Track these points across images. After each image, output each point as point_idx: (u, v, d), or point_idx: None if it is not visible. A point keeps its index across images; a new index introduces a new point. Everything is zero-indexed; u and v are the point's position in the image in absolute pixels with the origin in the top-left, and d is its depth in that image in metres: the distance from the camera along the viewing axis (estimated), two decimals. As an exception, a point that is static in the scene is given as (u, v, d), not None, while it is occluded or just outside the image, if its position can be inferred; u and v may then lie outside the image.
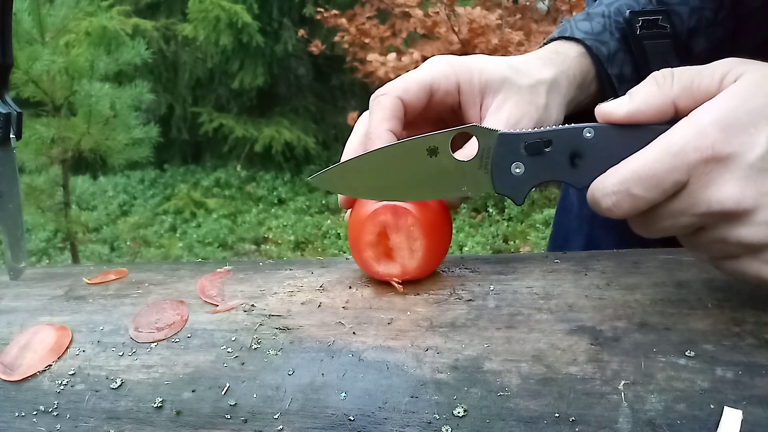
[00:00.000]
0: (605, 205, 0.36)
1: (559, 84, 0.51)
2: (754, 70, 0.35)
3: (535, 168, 0.40)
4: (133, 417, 0.41)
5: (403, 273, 0.45)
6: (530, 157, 0.39)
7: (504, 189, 0.41)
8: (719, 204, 0.33)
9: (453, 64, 0.49)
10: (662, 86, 0.37)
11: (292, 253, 3.28)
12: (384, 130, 0.47)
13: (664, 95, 0.36)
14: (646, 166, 0.34)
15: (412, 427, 0.37)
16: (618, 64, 0.55)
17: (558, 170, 0.39)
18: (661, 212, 0.36)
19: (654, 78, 0.37)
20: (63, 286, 0.53)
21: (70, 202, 2.36)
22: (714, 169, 0.33)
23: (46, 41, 2.09)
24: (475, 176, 0.41)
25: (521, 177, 0.40)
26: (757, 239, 0.34)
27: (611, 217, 0.37)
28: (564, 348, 0.38)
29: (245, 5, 3.92)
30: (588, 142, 0.38)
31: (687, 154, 0.34)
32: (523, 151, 0.39)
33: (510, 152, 0.40)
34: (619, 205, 0.36)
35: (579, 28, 0.56)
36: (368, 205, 0.45)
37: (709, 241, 0.36)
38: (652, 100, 0.36)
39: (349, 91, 4.56)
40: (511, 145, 0.40)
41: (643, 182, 0.34)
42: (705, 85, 0.36)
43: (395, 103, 0.47)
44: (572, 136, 0.38)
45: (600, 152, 0.38)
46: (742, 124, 0.33)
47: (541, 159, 0.39)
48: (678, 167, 0.34)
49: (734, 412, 0.34)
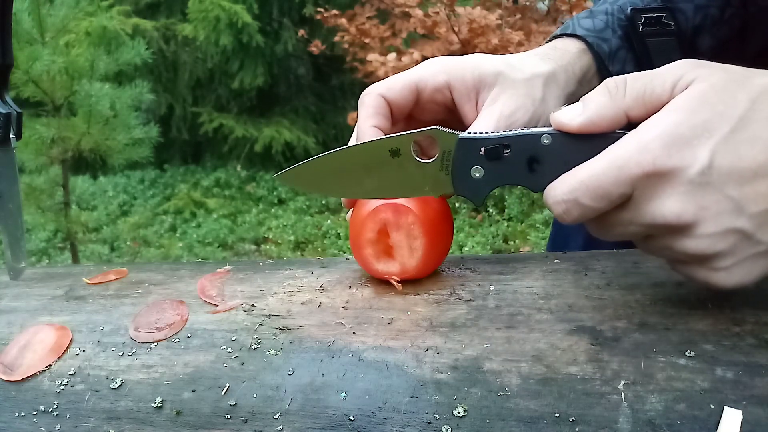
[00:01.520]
0: (557, 211, 0.37)
1: (556, 78, 0.51)
2: (704, 78, 0.35)
3: (494, 172, 0.40)
4: (133, 417, 0.41)
5: (402, 271, 0.45)
6: (489, 161, 0.40)
7: (464, 191, 0.42)
8: (662, 217, 0.34)
9: (444, 63, 0.50)
10: (614, 97, 0.37)
11: (292, 253, 3.28)
12: (369, 126, 0.48)
13: (616, 106, 0.37)
14: (592, 177, 0.35)
15: (412, 427, 0.37)
16: (620, 62, 0.55)
17: (516, 174, 0.40)
18: (611, 220, 0.37)
19: (606, 87, 0.37)
20: (63, 286, 0.53)
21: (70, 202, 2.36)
22: (656, 183, 0.34)
23: (46, 41, 2.09)
24: (436, 177, 0.42)
25: (480, 180, 0.41)
26: (699, 250, 0.34)
27: (564, 223, 0.38)
28: (564, 348, 0.38)
29: (245, 5, 3.91)
30: (545, 147, 0.39)
31: (630, 168, 0.34)
32: (482, 155, 0.40)
33: (469, 156, 0.41)
34: (569, 212, 0.37)
35: (581, 25, 0.56)
36: (369, 203, 0.45)
37: (658, 248, 0.37)
38: (604, 110, 0.37)
39: (349, 91, 4.56)
40: (471, 149, 0.40)
41: (590, 193, 0.35)
42: (657, 93, 0.36)
43: (378, 101, 0.48)
44: (530, 141, 0.39)
45: (557, 158, 0.38)
46: (685, 139, 0.34)
47: (499, 163, 0.40)
48: (622, 180, 0.34)
49: (734, 412, 0.34)
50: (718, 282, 0.36)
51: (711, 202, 0.33)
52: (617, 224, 0.36)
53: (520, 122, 0.47)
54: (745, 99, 0.34)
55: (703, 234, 0.34)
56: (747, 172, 0.33)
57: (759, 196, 0.33)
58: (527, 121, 0.47)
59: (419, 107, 0.50)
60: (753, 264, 0.35)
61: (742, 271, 0.35)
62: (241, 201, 4.03)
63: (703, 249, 0.34)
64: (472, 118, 0.49)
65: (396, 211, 0.45)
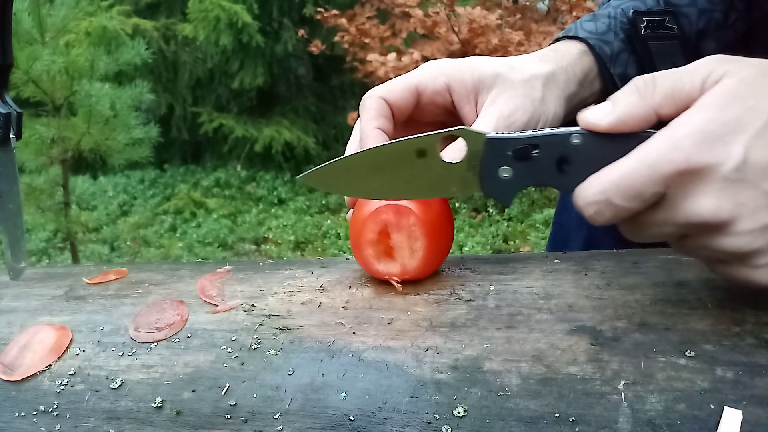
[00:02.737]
0: (588, 213, 0.37)
1: (556, 78, 0.51)
2: (734, 73, 0.35)
3: (523, 172, 0.40)
4: (133, 417, 0.41)
5: (402, 272, 0.45)
6: (518, 162, 0.40)
7: (492, 192, 0.41)
8: (697, 216, 0.34)
9: (442, 65, 0.50)
10: (644, 95, 0.36)
11: (292, 253, 3.28)
12: (372, 128, 0.48)
13: (645, 104, 0.36)
14: (624, 177, 0.35)
15: (412, 427, 0.37)
16: (622, 64, 0.55)
17: (545, 175, 0.39)
18: (645, 221, 0.36)
19: (635, 86, 0.37)
20: (63, 286, 0.53)
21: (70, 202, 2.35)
22: (690, 181, 0.34)
23: (46, 41, 2.09)
24: (464, 178, 0.41)
25: (509, 180, 0.40)
26: (738, 247, 0.34)
27: (595, 224, 0.37)
28: (564, 348, 0.38)
29: (245, 5, 3.91)
30: (575, 147, 0.38)
31: (662, 166, 0.34)
32: (511, 155, 0.40)
33: (498, 156, 0.40)
34: (601, 213, 0.36)
35: (583, 27, 0.56)
36: (370, 204, 0.45)
37: (695, 247, 0.36)
38: (633, 110, 0.36)
39: (349, 91, 4.56)
40: (499, 149, 0.40)
41: (622, 192, 0.35)
42: (687, 90, 0.35)
43: (379, 103, 0.49)
44: (560, 141, 0.38)
45: (587, 158, 0.38)
46: (717, 135, 0.33)
47: (528, 163, 0.39)
48: (655, 179, 0.34)
49: (734, 412, 0.34)
50: (759, 280, 0.35)
51: (748, 199, 0.33)
52: (651, 225, 0.36)
53: (519, 123, 0.47)
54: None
55: (741, 231, 0.33)
56: None
57: None
58: (527, 121, 0.47)
59: (419, 109, 0.50)
60: None
61: None
62: (241, 201, 4.03)
63: (742, 246, 0.34)
64: (471, 119, 0.49)
65: (397, 212, 0.45)
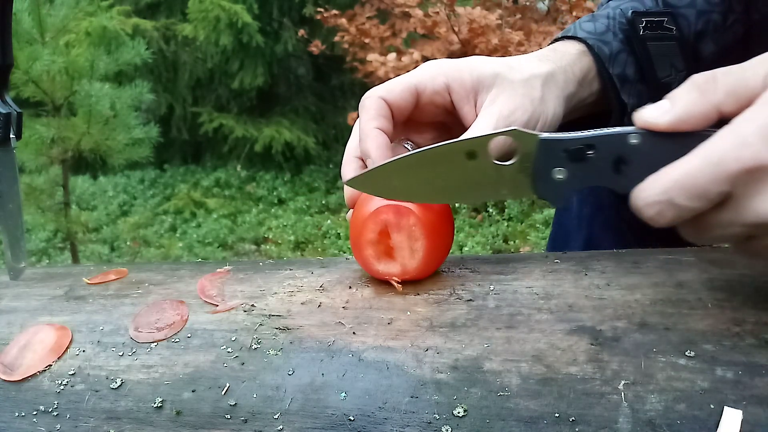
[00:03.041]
0: (648, 214, 0.35)
1: (555, 78, 0.51)
2: None
3: (578, 173, 0.39)
4: (133, 417, 0.41)
5: (402, 273, 0.45)
6: (572, 163, 0.38)
7: (545, 193, 0.40)
8: (767, 216, 0.32)
9: (442, 65, 0.50)
10: (705, 92, 0.35)
11: (292, 253, 3.28)
12: (372, 128, 0.48)
13: (707, 101, 0.35)
14: (688, 176, 0.33)
15: (412, 427, 0.37)
16: (620, 65, 0.55)
17: (601, 176, 0.38)
18: (710, 221, 0.35)
19: (695, 83, 0.36)
20: (63, 286, 0.53)
21: (70, 202, 2.35)
22: (759, 179, 0.32)
23: (46, 41, 2.09)
24: (515, 180, 0.40)
25: (563, 182, 0.39)
26: None
27: (655, 225, 0.36)
28: (564, 348, 0.38)
29: (245, 5, 3.91)
30: (633, 147, 0.37)
31: (728, 164, 0.32)
32: (565, 156, 0.39)
33: (551, 157, 0.39)
34: (662, 214, 0.35)
35: (582, 28, 0.56)
36: (370, 204, 0.45)
37: (761, 249, 0.35)
38: (694, 107, 0.35)
39: (349, 91, 4.56)
40: (553, 150, 0.39)
41: (686, 192, 0.33)
42: (750, 86, 0.34)
43: (379, 104, 0.49)
44: (617, 141, 0.37)
45: (645, 158, 0.36)
46: None
47: (583, 164, 0.38)
48: (720, 177, 0.33)
49: (734, 412, 0.34)
50: None
51: None
52: (716, 226, 0.35)
53: (519, 122, 0.47)
54: None
55: None
56: None
57: None
58: (526, 120, 0.48)
59: (419, 109, 0.50)
60: None
61: None
62: (241, 201, 4.03)
63: None
64: (471, 119, 0.49)
65: (397, 212, 0.45)
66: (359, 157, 0.49)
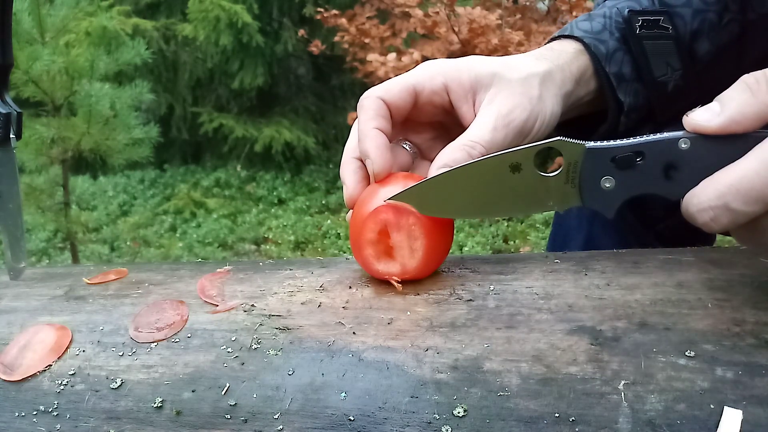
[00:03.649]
0: (702, 220, 0.35)
1: (552, 76, 0.51)
2: None
3: (627, 181, 0.38)
4: (133, 417, 0.41)
5: (402, 272, 0.45)
6: (620, 171, 0.38)
7: (593, 203, 0.39)
8: None
9: (440, 65, 0.50)
10: (756, 92, 0.34)
11: (292, 253, 3.28)
12: (371, 128, 0.48)
13: (759, 102, 0.34)
14: (744, 179, 0.33)
15: (412, 427, 0.37)
16: (617, 63, 0.55)
17: (651, 183, 0.38)
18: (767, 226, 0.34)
19: (746, 83, 0.35)
20: (63, 286, 0.53)
21: (70, 202, 2.35)
22: None
23: (46, 41, 2.08)
24: (562, 191, 0.40)
25: (612, 191, 0.39)
26: None
27: (709, 231, 0.35)
28: (564, 348, 0.38)
29: (245, 5, 3.91)
30: (683, 152, 0.36)
31: None
32: (613, 164, 0.38)
33: (599, 166, 0.38)
34: (717, 220, 0.34)
35: (579, 27, 0.56)
36: (370, 203, 0.45)
37: None
38: (746, 108, 0.34)
39: (349, 91, 4.56)
40: (600, 159, 0.38)
41: (742, 196, 0.33)
42: None
43: (377, 104, 0.49)
44: (666, 147, 0.37)
45: (697, 163, 0.36)
46: None
47: (632, 172, 0.38)
48: None
49: (734, 412, 0.34)
50: None
51: None
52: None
53: (518, 121, 0.47)
54: None
55: None
56: None
57: None
58: (525, 119, 0.48)
59: (417, 109, 0.51)
60: None
61: None
62: (241, 201, 4.03)
63: None
64: (469, 119, 0.49)
65: (397, 211, 0.45)
66: (358, 158, 0.49)
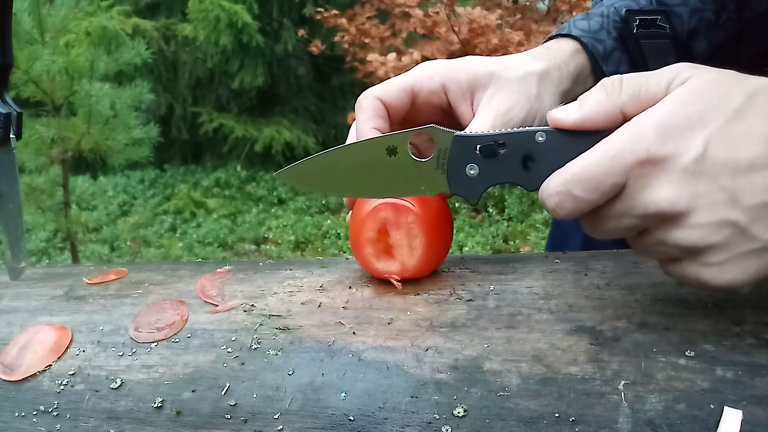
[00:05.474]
0: (549, 205, 0.37)
1: (550, 75, 0.51)
2: (699, 76, 0.35)
3: (489, 169, 0.41)
4: (133, 417, 0.41)
5: (402, 271, 0.45)
6: (484, 159, 0.40)
7: (458, 189, 0.42)
8: (654, 206, 0.34)
9: (437, 65, 0.50)
10: (610, 94, 0.37)
11: (292, 253, 3.28)
12: (369, 128, 0.48)
13: (611, 102, 0.37)
14: (585, 169, 0.35)
15: (412, 427, 0.37)
16: (614, 63, 0.55)
17: (511, 172, 0.40)
18: (605, 213, 0.36)
19: (603, 85, 0.38)
20: (63, 286, 0.53)
21: (70, 202, 2.35)
22: (650, 171, 0.34)
23: (46, 41, 2.08)
24: (432, 176, 0.42)
25: (475, 178, 0.41)
26: (692, 241, 0.34)
27: (556, 217, 0.38)
28: (564, 348, 0.38)
29: (245, 5, 3.91)
30: (540, 145, 0.39)
31: (624, 156, 0.34)
32: (478, 153, 0.40)
33: (465, 154, 0.41)
34: (561, 205, 0.37)
35: (576, 26, 0.56)
36: (369, 202, 0.45)
37: (651, 243, 0.36)
38: (600, 107, 0.37)
39: (349, 91, 4.55)
40: (466, 147, 0.41)
41: (583, 184, 0.35)
42: (652, 91, 0.36)
43: (375, 104, 0.49)
44: (525, 139, 0.39)
45: (552, 155, 0.38)
46: (679, 127, 0.34)
47: (494, 161, 0.40)
48: (615, 170, 0.34)
49: (734, 412, 0.34)
50: (710, 279, 0.35)
51: (705, 191, 0.33)
52: (611, 217, 0.36)
53: (516, 119, 0.47)
54: (740, 94, 0.34)
55: (697, 224, 0.34)
56: (742, 163, 0.33)
57: (755, 189, 0.33)
58: (524, 117, 0.48)
59: (415, 109, 0.51)
60: (746, 262, 0.34)
61: (734, 268, 0.34)
62: (241, 201, 4.03)
63: (696, 240, 0.34)
64: (468, 118, 0.49)
65: (396, 210, 0.45)
66: None
